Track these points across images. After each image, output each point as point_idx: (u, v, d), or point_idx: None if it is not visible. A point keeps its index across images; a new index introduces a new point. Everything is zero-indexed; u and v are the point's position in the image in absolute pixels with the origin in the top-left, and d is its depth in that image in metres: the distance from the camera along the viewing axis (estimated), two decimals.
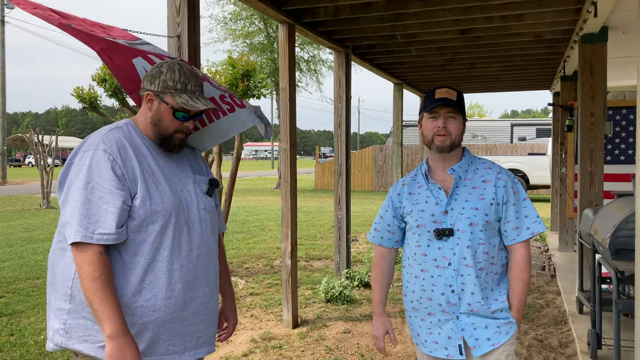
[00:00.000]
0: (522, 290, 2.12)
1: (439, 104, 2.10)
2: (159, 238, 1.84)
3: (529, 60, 7.60)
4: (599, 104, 5.25)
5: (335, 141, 6.53)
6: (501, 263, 2.15)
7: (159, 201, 1.84)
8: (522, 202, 2.15)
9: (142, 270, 1.81)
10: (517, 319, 2.13)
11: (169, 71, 1.91)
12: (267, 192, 21.77)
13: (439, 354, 2.14)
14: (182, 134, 1.95)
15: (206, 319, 2.00)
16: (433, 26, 5.64)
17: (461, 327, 2.10)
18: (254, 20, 20.91)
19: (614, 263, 3.37)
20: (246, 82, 6.61)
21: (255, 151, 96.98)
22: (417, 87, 10.59)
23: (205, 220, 1.99)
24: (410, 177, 2.29)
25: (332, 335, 4.69)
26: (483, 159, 2.24)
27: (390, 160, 21.87)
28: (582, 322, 4.71)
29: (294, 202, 5.01)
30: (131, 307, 1.80)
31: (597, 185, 5.31)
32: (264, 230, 11.06)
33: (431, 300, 2.12)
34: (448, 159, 2.17)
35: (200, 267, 1.95)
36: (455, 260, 2.09)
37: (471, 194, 2.13)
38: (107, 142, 1.82)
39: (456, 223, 2.10)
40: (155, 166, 1.90)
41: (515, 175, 2.46)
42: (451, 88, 2.17)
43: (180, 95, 1.90)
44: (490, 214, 2.10)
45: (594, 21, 4.76)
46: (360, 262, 7.82)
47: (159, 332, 1.85)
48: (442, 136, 2.11)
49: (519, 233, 2.13)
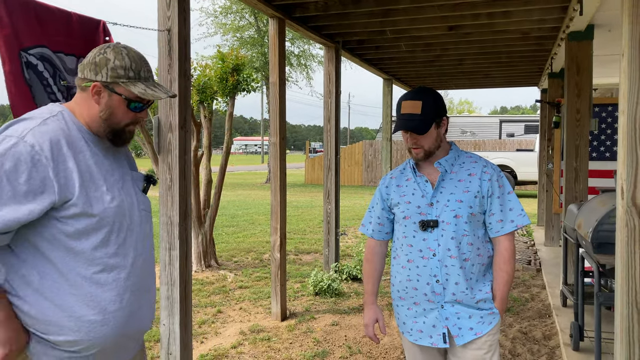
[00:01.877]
0: (505, 281, 2.17)
1: (401, 129, 2.12)
2: (102, 247, 1.66)
3: (517, 57, 7.68)
4: (585, 101, 5.33)
5: (325, 136, 6.57)
6: (487, 255, 2.20)
7: (100, 206, 1.65)
8: (507, 196, 2.20)
9: (87, 283, 1.64)
10: (500, 310, 2.18)
11: (116, 58, 1.67)
12: (257, 187, 21.78)
13: (423, 342, 2.20)
14: (134, 126, 1.76)
15: (148, 324, 1.88)
16: (422, 22, 5.69)
17: (445, 316, 2.15)
18: (244, 14, 20.85)
19: (596, 257, 3.45)
20: (236, 76, 6.62)
21: (245, 145, 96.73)
22: (407, 83, 10.65)
23: (145, 222, 1.83)
24: (399, 170, 2.35)
25: (320, 328, 4.74)
26: (470, 153, 2.28)
27: (379, 155, 21.95)
28: (565, 315, 4.80)
29: (283, 195, 5.04)
30: (78, 322, 1.64)
31: (582, 181, 5.40)
32: (253, 224, 11.09)
33: (417, 289, 2.18)
34: (435, 155, 2.23)
35: (145, 272, 1.81)
36: (440, 251, 2.14)
37: (456, 186, 2.17)
38: (38, 136, 1.57)
39: (441, 215, 2.15)
40: (94, 164, 1.67)
41: (503, 171, 2.50)
42: (417, 96, 2.14)
43: (136, 84, 1.69)
44: (474, 206, 2.14)
45: (580, 19, 4.83)
46: (349, 256, 7.88)
47: (107, 345, 1.71)
48: (415, 149, 2.18)
49: (503, 226, 2.17)
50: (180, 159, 3.17)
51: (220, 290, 5.98)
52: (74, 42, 2.59)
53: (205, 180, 7.05)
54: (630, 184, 2.28)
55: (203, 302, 5.53)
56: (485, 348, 2.15)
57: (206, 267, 6.97)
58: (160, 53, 3.20)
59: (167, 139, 3.18)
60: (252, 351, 4.22)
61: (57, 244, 1.62)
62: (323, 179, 6.57)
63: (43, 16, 2.45)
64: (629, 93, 2.26)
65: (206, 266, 6.98)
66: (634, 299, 2.30)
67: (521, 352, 4.19)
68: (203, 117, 6.82)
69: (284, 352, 4.19)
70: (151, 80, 1.75)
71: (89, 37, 2.69)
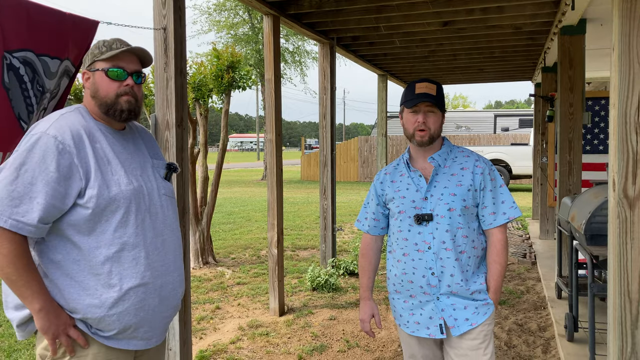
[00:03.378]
0: (499, 273, 2.22)
1: (420, 101, 2.17)
2: (121, 226, 1.77)
3: (511, 51, 7.72)
4: (578, 95, 5.37)
5: (321, 132, 6.60)
6: (482, 247, 2.25)
7: (117, 189, 1.76)
8: (499, 189, 2.25)
9: (109, 262, 1.75)
10: (495, 300, 2.23)
11: (93, 47, 1.88)
12: (253, 184, 21.79)
13: (421, 333, 2.23)
14: (127, 96, 1.84)
15: (176, 305, 1.97)
16: (416, 18, 5.72)
17: (441, 307, 2.19)
18: (238, 12, 20.82)
19: (589, 248, 3.50)
20: (231, 73, 6.64)
21: (241, 142, 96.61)
22: (402, 79, 10.68)
23: (167, 206, 1.94)
24: (393, 166, 2.38)
25: (318, 322, 4.78)
26: (462, 148, 2.33)
27: (375, 151, 21.99)
28: (560, 307, 4.86)
29: (279, 191, 5.08)
30: (102, 299, 1.75)
31: (576, 174, 5.45)
32: (250, 221, 11.12)
33: (412, 282, 2.21)
34: (429, 149, 2.27)
35: (168, 252, 1.90)
36: (435, 244, 2.17)
37: (450, 180, 2.22)
38: (58, 128, 1.71)
39: (435, 208, 2.19)
40: (111, 152, 1.81)
41: (498, 165, 2.51)
42: (431, 81, 2.23)
43: (106, 54, 1.83)
44: (468, 199, 2.19)
45: (572, 14, 4.87)
46: (345, 251, 7.92)
47: (129, 321, 1.80)
48: (421, 131, 2.20)
49: (496, 218, 2.22)
50: (177, 156, 3.19)
51: (219, 286, 6.01)
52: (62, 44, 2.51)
53: (202, 177, 7.08)
54: (622, 176, 2.32)
55: (201, 298, 5.56)
56: (481, 338, 2.19)
57: (204, 264, 7.00)
58: (156, 51, 3.22)
59: (164, 137, 3.20)
60: (251, 346, 4.25)
61: (79, 226, 1.73)
62: (319, 175, 6.60)
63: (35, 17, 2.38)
64: (620, 86, 2.30)
65: (204, 263, 7.01)
66: (626, 289, 2.34)
67: (517, 344, 4.24)
68: (199, 115, 6.83)
69: (283, 347, 4.23)
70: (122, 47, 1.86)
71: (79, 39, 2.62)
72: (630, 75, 2.29)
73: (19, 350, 4.20)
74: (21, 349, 4.22)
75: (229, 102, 6.93)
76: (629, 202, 2.32)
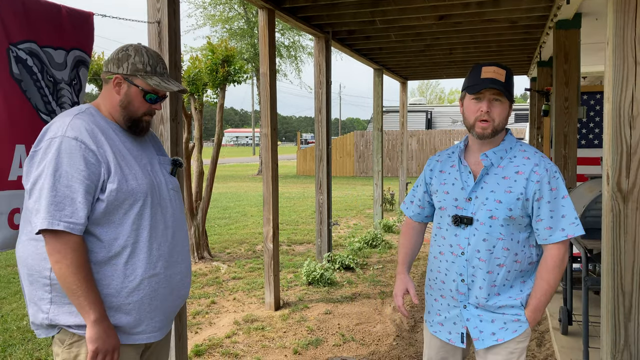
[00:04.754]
0: (543, 291, 1.98)
1: (484, 87, 1.92)
2: (137, 219, 1.84)
3: (506, 46, 7.72)
4: (573, 89, 5.38)
5: (316, 127, 6.59)
6: (528, 261, 2.02)
7: (134, 182, 1.85)
8: (560, 201, 1.96)
9: (126, 253, 1.82)
10: (531, 319, 2.01)
11: (136, 54, 1.91)
12: (249, 179, 21.77)
13: (441, 336, 2.13)
14: (149, 117, 1.96)
15: (184, 294, 2.05)
16: (412, 12, 5.70)
17: (467, 316, 2.05)
18: (233, 6, 20.74)
19: (583, 242, 3.51)
20: (226, 67, 6.61)
21: (236, 137, 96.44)
22: (398, 73, 10.67)
23: (175, 200, 2.02)
24: (447, 153, 2.18)
25: (314, 317, 4.79)
26: (525, 147, 2.05)
27: (371, 146, 21.99)
28: (554, 301, 4.87)
29: (275, 186, 5.07)
30: (117, 289, 1.82)
31: (571, 168, 5.46)
32: (245, 216, 11.11)
33: (444, 283, 2.08)
34: (487, 142, 2.02)
35: (176, 245, 1.98)
36: (469, 250, 2.00)
37: (499, 184, 1.98)
38: (75, 129, 1.79)
39: (477, 212, 1.99)
40: (124, 149, 1.89)
41: None
42: (501, 66, 1.98)
43: (152, 78, 1.90)
44: (515, 209, 1.95)
45: (568, 8, 4.87)
46: (341, 246, 7.93)
47: (143, 311, 1.87)
48: (484, 122, 1.96)
49: (552, 234, 1.96)
50: (171, 150, 3.18)
51: (214, 281, 6.01)
52: (64, 35, 2.59)
53: (197, 172, 7.06)
54: (615, 170, 2.33)
55: (197, 293, 5.56)
56: (506, 355, 2.02)
57: (199, 259, 7.00)
58: (150, 45, 3.20)
59: (158, 131, 3.19)
60: (247, 340, 4.26)
61: (99, 219, 1.80)
62: (315, 170, 6.60)
63: (32, 10, 2.45)
64: (614, 80, 2.30)
65: (199, 258, 7.01)
66: (620, 282, 2.35)
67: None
68: (194, 109, 6.81)
69: (278, 341, 4.23)
70: (165, 76, 1.97)
71: (80, 29, 2.69)
72: (625, 70, 2.29)
73: (13, 346, 4.20)
74: (16, 344, 4.22)
75: (224, 96, 6.91)
76: (623, 196, 2.32)
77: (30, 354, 4.05)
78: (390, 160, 21.74)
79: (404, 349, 4.07)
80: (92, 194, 1.78)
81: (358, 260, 6.71)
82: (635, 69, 2.29)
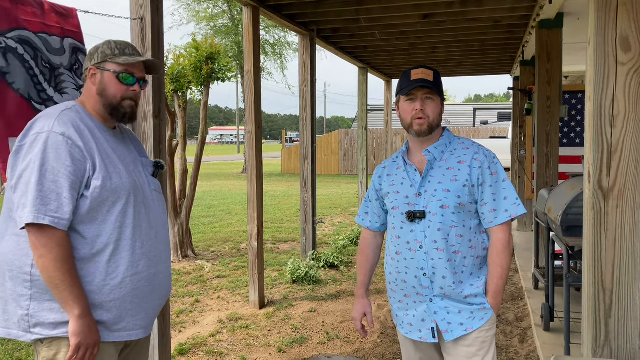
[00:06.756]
0: (499, 275, 2.06)
1: (415, 86, 2.04)
2: (121, 217, 1.86)
3: (490, 45, 7.77)
4: (555, 88, 5.44)
5: (301, 125, 6.58)
6: (482, 246, 2.10)
7: (118, 180, 1.86)
8: (501, 184, 2.08)
9: (109, 250, 1.83)
10: (493, 305, 2.08)
11: (104, 45, 1.96)
12: (233, 177, 21.68)
13: (413, 336, 2.13)
14: (130, 101, 1.96)
15: (166, 294, 2.06)
16: (396, 10, 5.72)
17: (434, 310, 2.07)
18: (218, 3, 20.62)
19: (565, 239, 3.55)
20: (210, 64, 6.57)
21: (221, 135, 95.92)
22: (382, 72, 10.69)
23: (157, 200, 2.04)
24: (392, 159, 2.26)
25: (298, 315, 4.79)
26: (462, 139, 2.17)
27: (356, 144, 22.03)
28: (537, 297, 4.93)
29: (259, 184, 5.05)
30: (100, 286, 1.82)
31: (553, 167, 5.52)
32: (230, 215, 11.07)
33: (406, 282, 2.11)
34: (427, 140, 2.13)
35: (159, 244, 1.99)
36: (426, 243, 2.05)
37: (445, 175, 2.07)
38: (63, 125, 1.80)
39: (428, 205, 2.06)
40: (109, 147, 1.90)
41: None
42: (427, 67, 2.10)
43: (120, 57, 1.93)
44: (463, 196, 2.05)
45: (550, 7, 4.91)
46: (326, 243, 7.93)
47: (125, 308, 1.88)
48: (420, 119, 2.06)
49: (497, 216, 2.06)
50: (155, 148, 3.15)
51: (198, 280, 5.98)
52: (53, 24, 2.58)
53: (181, 170, 7.01)
54: (596, 168, 2.35)
55: (181, 292, 5.53)
56: (477, 345, 2.07)
57: (183, 258, 6.95)
58: (133, 42, 3.17)
59: (141, 128, 3.15)
60: (231, 339, 4.24)
61: (82, 215, 1.81)
62: (299, 168, 6.59)
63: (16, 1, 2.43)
64: (595, 79, 2.33)
65: (183, 256, 6.96)
66: (600, 279, 2.38)
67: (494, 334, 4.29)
68: (177, 107, 6.76)
69: (263, 340, 4.22)
70: (136, 55, 1.98)
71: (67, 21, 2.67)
72: (605, 69, 2.32)
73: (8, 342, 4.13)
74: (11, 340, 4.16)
75: (208, 93, 6.87)
76: (604, 194, 2.35)
77: (10, 354, 3.99)
78: (375, 159, 21.81)
79: (388, 347, 4.08)
80: (77, 189, 1.79)
81: (343, 258, 6.72)
82: (616, 68, 2.31)
